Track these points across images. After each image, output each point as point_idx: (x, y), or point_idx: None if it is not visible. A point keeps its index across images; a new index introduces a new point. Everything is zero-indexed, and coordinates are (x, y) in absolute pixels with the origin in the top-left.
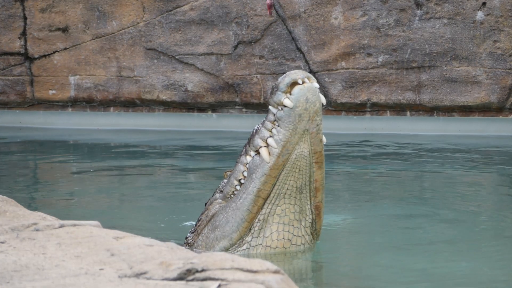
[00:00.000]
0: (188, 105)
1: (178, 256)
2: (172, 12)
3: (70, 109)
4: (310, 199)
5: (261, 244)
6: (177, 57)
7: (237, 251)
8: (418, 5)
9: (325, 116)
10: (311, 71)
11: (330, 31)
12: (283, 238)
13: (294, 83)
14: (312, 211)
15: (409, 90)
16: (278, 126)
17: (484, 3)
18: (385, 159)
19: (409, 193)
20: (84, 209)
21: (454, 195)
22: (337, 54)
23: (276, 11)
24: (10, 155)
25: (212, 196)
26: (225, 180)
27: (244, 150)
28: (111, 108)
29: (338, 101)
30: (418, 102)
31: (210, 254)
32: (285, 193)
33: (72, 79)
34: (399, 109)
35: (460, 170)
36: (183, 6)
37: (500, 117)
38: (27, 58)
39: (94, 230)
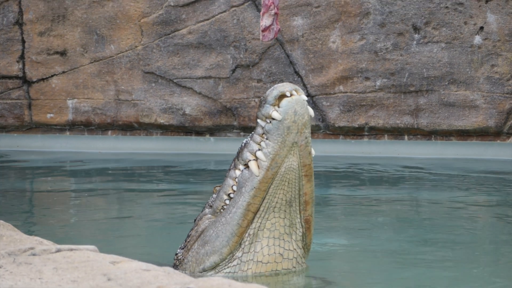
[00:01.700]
0: (186, 128)
1: (175, 281)
2: (170, 35)
3: (68, 133)
4: (300, 212)
5: (252, 259)
6: (175, 80)
7: (227, 267)
8: (416, 29)
9: (323, 140)
10: (309, 95)
11: (328, 55)
12: (274, 252)
13: (282, 96)
14: (302, 225)
15: (407, 114)
16: (266, 139)
17: (481, 28)
18: (383, 183)
19: (406, 217)
20: (81, 233)
21: (452, 219)
22: (335, 78)
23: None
24: (7, 179)
25: (202, 211)
26: (214, 195)
27: (233, 164)
28: (109, 132)
29: (336, 125)
30: (416, 126)
31: (207, 279)
32: (275, 207)
33: (70, 102)
34: (397, 133)
35: (457, 194)
36: (181, 29)
37: (498, 141)
38: (25, 81)
39: (91, 255)
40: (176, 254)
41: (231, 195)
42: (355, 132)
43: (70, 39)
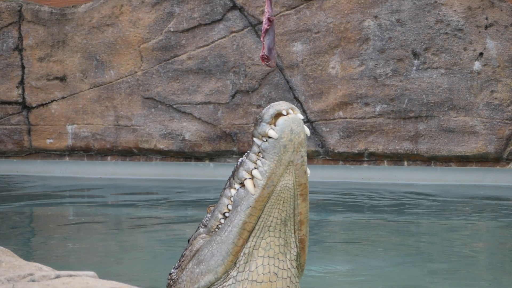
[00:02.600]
0: (186, 154)
1: None
2: (170, 61)
3: (67, 158)
4: (294, 232)
5: (247, 278)
6: (174, 106)
7: (222, 286)
8: (415, 55)
9: (323, 165)
10: (308, 121)
11: (327, 81)
12: (269, 271)
13: (278, 114)
14: (296, 245)
15: (406, 140)
16: (263, 157)
17: (481, 54)
18: (382, 208)
19: (406, 243)
20: (80, 259)
21: (451, 245)
22: (334, 103)
23: None
24: (7, 204)
25: (196, 231)
26: (208, 215)
27: (228, 183)
28: (109, 157)
29: (336, 151)
30: (415, 152)
31: None
32: (270, 226)
33: (69, 128)
34: (396, 158)
35: (457, 220)
36: (180, 55)
37: (498, 167)
38: (25, 107)
39: (90, 281)
40: (170, 274)
41: (226, 214)
42: (355, 158)
43: (70, 64)
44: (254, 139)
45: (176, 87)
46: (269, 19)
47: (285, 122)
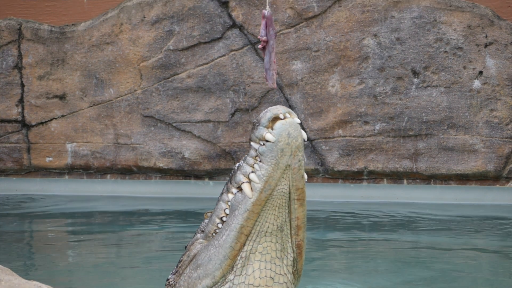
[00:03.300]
0: (185, 172)
1: None
2: (170, 79)
3: (67, 177)
4: (291, 237)
5: (243, 282)
6: (174, 124)
7: None
8: (415, 74)
9: (322, 184)
10: (308, 139)
11: (327, 99)
12: (266, 276)
13: (275, 118)
14: (293, 250)
15: (406, 158)
16: (260, 161)
17: (480, 72)
18: (382, 227)
19: (405, 261)
20: (79, 277)
21: (451, 263)
22: (334, 122)
23: None
24: (6, 222)
25: (193, 237)
26: (206, 221)
27: (225, 188)
28: (108, 176)
29: (335, 169)
30: (415, 170)
31: None
32: (266, 231)
33: (69, 146)
34: (396, 177)
35: (456, 239)
36: (180, 73)
37: (497, 185)
38: (24, 125)
39: None
40: (168, 279)
41: (224, 219)
42: (354, 176)
43: (70, 83)
44: (252, 143)
45: (176, 106)
46: (262, 40)
47: (283, 126)
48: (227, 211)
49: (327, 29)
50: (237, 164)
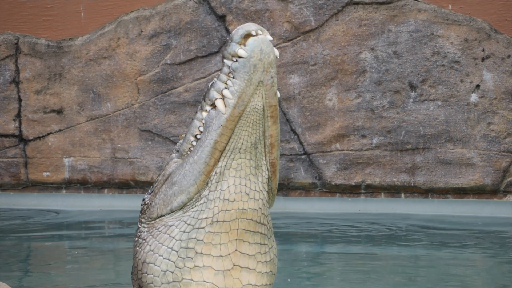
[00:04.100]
0: None
1: None
2: (167, 93)
3: (64, 191)
4: (265, 155)
5: (218, 197)
6: (171, 138)
7: (194, 205)
8: (412, 87)
9: (320, 198)
10: (305, 153)
11: (324, 113)
12: (241, 191)
13: (248, 35)
14: (268, 168)
15: (403, 172)
16: (233, 77)
17: (478, 86)
18: (379, 241)
19: (403, 276)
20: None
21: (448, 277)
22: (331, 135)
23: None
24: (3, 237)
25: (169, 157)
26: (181, 141)
27: (199, 107)
28: (106, 190)
29: (333, 183)
30: (412, 184)
31: None
32: (240, 148)
33: (66, 160)
34: (393, 191)
35: (454, 253)
36: (177, 87)
37: (495, 199)
38: (22, 140)
39: None
40: (144, 199)
41: (198, 137)
42: (352, 190)
43: (67, 97)
44: (224, 60)
45: (173, 120)
46: None
47: (255, 42)
48: (201, 129)
49: (324, 43)
50: (210, 82)
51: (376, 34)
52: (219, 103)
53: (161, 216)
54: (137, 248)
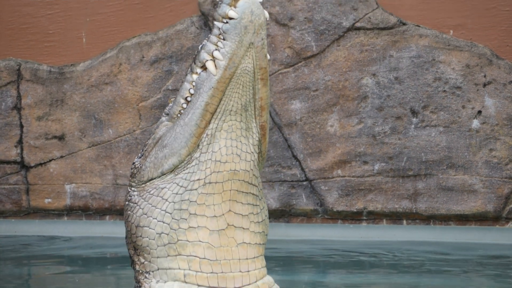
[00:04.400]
0: None
1: None
2: None
3: (65, 218)
4: (255, 118)
5: (210, 159)
6: None
7: (186, 168)
8: (414, 113)
9: (322, 224)
10: (307, 179)
11: (326, 139)
12: (232, 153)
13: None
14: (258, 131)
15: (405, 198)
16: (223, 39)
17: (479, 112)
18: (381, 268)
19: None
20: None
21: None
22: (333, 162)
23: (272, 119)
24: (4, 265)
25: (159, 120)
26: (171, 104)
27: (189, 69)
28: (107, 217)
29: (334, 209)
30: (414, 211)
31: None
32: (231, 110)
33: (68, 187)
34: (395, 217)
35: (456, 280)
36: None
37: (497, 226)
38: (23, 166)
39: None
40: (134, 163)
41: (188, 99)
42: (354, 217)
43: (68, 123)
44: (215, 22)
45: None
46: None
47: (245, 4)
48: (192, 91)
49: (326, 68)
50: (200, 45)
51: (378, 59)
52: (210, 65)
53: (152, 179)
54: (129, 212)
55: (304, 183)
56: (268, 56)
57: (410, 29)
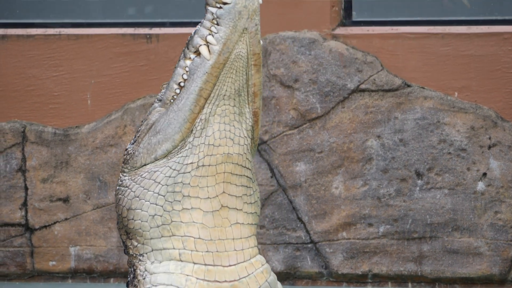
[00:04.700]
0: None
1: None
2: None
3: (70, 281)
4: (248, 103)
5: (203, 143)
6: None
7: (179, 153)
8: (419, 175)
9: (327, 287)
10: (312, 241)
11: (330, 201)
12: (225, 137)
13: None
14: (251, 116)
15: (410, 261)
16: (217, 24)
17: (484, 174)
18: None
19: None
20: None
21: None
22: (338, 224)
23: (277, 181)
24: None
25: (151, 107)
26: (163, 91)
27: (182, 55)
28: (111, 279)
29: (339, 272)
30: (419, 274)
31: None
32: (224, 95)
33: (72, 250)
34: (400, 280)
35: None
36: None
37: None
38: (28, 229)
39: None
40: (127, 149)
41: (182, 84)
42: (359, 279)
43: (73, 185)
44: (208, 7)
45: None
46: None
47: None
48: (185, 76)
49: (331, 130)
50: (193, 30)
51: (383, 121)
52: (204, 49)
53: (145, 165)
54: (120, 195)
55: (309, 245)
56: (262, 43)
57: (415, 91)
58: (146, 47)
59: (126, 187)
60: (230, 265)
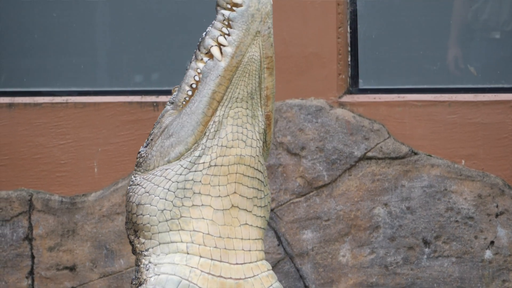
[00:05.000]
0: None
1: None
2: None
3: None
4: (261, 107)
5: (216, 144)
6: None
7: (192, 155)
8: (426, 243)
9: None
10: None
11: (338, 269)
12: (238, 138)
13: None
14: (263, 120)
15: None
16: (229, 26)
17: (492, 242)
18: None
19: None
20: None
21: None
22: None
23: (284, 249)
24: None
25: (163, 109)
26: (175, 94)
27: (194, 56)
28: None
29: None
30: None
31: None
32: (237, 97)
33: None
34: None
35: None
36: None
37: None
38: None
39: None
40: (139, 152)
41: (194, 86)
42: None
43: (80, 254)
44: (219, 8)
45: None
46: None
47: None
48: (197, 78)
49: (337, 198)
50: (204, 32)
51: (389, 189)
52: (215, 50)
53: (158, 167)
54: (130, 193)
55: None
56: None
57: (421, 159)
58: (153, 115)
59: (137, 184)
60: (237, 263)
